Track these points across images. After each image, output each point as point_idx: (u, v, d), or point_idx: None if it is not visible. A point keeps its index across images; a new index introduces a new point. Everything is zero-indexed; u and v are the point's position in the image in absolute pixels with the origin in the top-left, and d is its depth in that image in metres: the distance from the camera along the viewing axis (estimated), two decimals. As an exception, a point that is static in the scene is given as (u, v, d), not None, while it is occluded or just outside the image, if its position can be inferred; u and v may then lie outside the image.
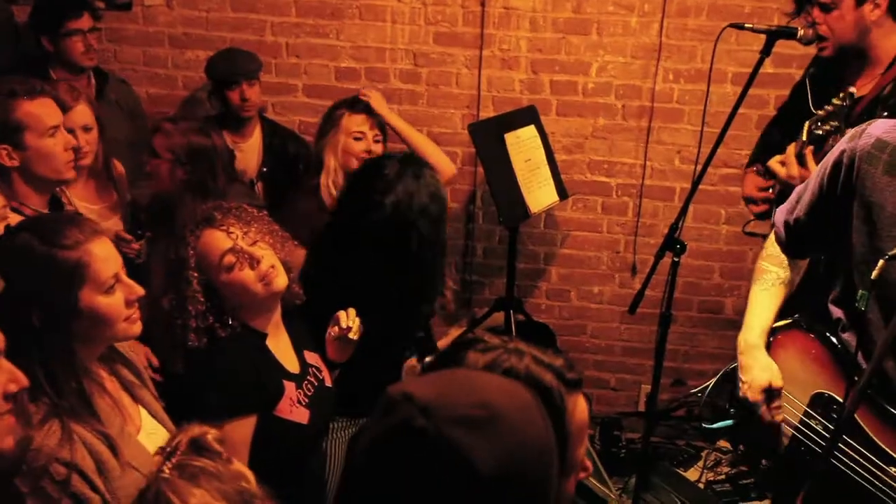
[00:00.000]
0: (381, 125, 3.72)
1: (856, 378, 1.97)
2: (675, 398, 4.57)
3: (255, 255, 2.33)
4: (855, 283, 2.12)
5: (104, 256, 1.92)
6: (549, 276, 4.59)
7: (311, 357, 2.58)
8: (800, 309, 2.42)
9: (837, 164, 2.13)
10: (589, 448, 1.52)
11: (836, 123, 2.67)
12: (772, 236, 2.45)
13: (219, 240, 2.32)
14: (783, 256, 2.40)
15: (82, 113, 3.18)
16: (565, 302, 4.61)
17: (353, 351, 2.63)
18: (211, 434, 1.45)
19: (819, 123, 2.70)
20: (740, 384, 2.36)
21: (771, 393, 2.31)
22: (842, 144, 2.15)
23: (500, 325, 4.06)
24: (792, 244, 2.37)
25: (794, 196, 2.34)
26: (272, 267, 2.35)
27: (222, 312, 2.34)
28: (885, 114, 2.79)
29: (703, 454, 3.99)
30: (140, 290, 2.00)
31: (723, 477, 3.85)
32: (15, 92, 2.76)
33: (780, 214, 2.39)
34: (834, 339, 2.28)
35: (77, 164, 2.97)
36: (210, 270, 2.31)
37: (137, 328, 2.01)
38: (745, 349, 2.37)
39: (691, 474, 3.89)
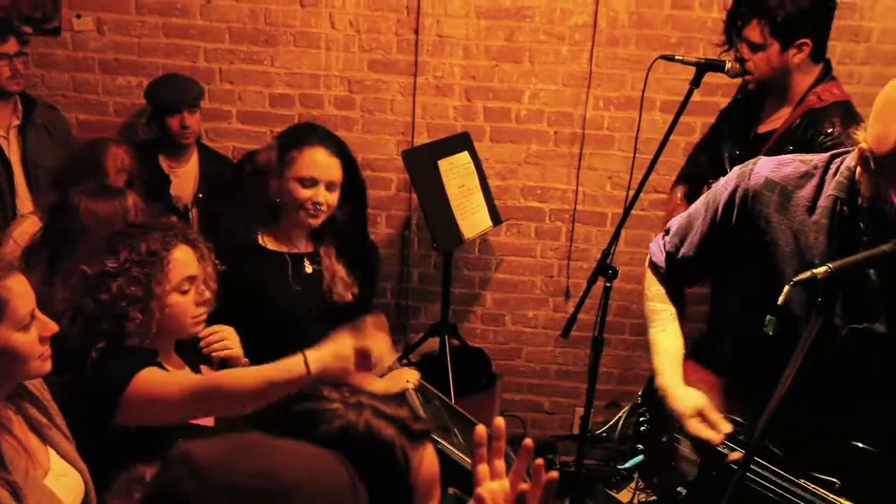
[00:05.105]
0: None
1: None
2: (610, 420, 4.63)
3: (206, 296, 2.35)
4: (748, 310, 2.18)
5: (22, 293, 1.87)
6: (484, 301, 4.62)
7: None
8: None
9: (730, 201, 2.21)
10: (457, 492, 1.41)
11: None
12: (648, 279, 2.50)
13: (189, 262, 2.31)
14: (664, 292, 2.44)
15: None
16: (500, 326, 4.65)
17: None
18: None
19: None
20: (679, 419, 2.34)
21: (703, 415, 2.28)
22: (732, 182, 2.22)
23: (434, 350, 4.07)
24: (674, 276, 2.43)
25: (675, 230, 2.40)
26: (206, 312, 2.37)
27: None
28: (791, 147, 2.92)
29: (636, 475, 4.03)
30: (54, 327, 1.95)
31: (654, 498, 3.89)
32: None
33: (659, 250, 2.45)
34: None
35: None
36: (164, 282, 2.26)
37: (48, 366, 1.96)
38: (666, 390, 2.36)
39: (623, 496, 3.92)
